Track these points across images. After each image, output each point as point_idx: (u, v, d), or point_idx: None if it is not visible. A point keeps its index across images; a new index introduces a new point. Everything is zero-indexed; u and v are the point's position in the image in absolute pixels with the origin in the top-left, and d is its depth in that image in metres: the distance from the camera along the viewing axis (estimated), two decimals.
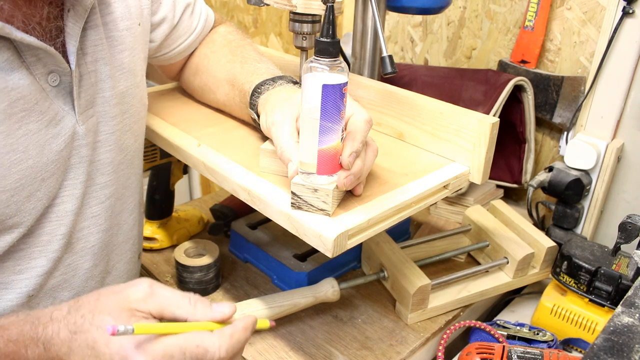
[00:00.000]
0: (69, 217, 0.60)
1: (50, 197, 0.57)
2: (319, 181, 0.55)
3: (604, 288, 0.73)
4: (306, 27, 0.76)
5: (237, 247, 0.88)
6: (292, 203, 0.56)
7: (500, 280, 0.79)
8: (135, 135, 0.69)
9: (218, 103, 0.81)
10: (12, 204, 0.53)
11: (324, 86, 0.51)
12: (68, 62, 0.55)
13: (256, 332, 0.71)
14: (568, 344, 0.74)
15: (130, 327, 0.42)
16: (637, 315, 0.46)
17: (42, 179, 0.55)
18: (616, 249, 0.75)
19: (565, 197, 0.89)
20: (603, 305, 0.73)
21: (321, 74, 0.52)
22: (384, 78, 0.83)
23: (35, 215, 0.56)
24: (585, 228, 0.92)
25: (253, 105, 0.69)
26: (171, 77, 0.90)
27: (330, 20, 0.52)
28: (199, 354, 0.45)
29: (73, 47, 0.56)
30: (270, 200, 0.58)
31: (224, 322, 0.49)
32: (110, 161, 0.64)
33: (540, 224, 0.99)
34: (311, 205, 0.55)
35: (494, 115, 0.92)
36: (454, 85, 0.99)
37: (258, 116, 0.68)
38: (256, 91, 0.69)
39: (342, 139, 0.56)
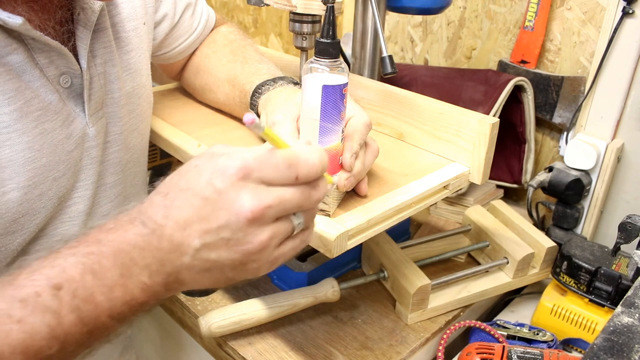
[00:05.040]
0: (81, 217, 0.60)
1: (61, 197, 0.57)
2: None
3: (604, 288, 0.73)
4: (306, 28, 0.76)
5: None
6: None
7: (500, 281, 0.79)
8: (142, 134, 0.69)
9: (218, 103, 0.81)
10: (25, 202, 0.53)
11: (324, 87, 0.51)
12: (79, 64, 0.56)
13: (256, 331, 0.71)
14: (568, 344, 0.74)
15: (263, 125, 0.39)
16: (637, 315, 0.46)
17: (54, 178, 0.55)
18: (616, 249, 0.75)
19: (565, 197, 0.89)
20: (603, 305, 0.73)
21: (321, 74, 0.52)
22: (384, 78, 0.83)
23: (45, 214, 0.56)
24: (585, 228, 0.92)
25: (253, 106, 0.69)
26: (172, 76, 0.90)
27: (330, 21, 0.52)
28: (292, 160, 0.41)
29: (84, 50, 0.56)
30: None
31: None
32: (119, 161, 0.64)
33: (540, 224, 0.99)
34: None
35: (493, 116, 0.92)
36: (454, 85, 0.99)
37: (258, 116, 0.68)
38: (257, 91, 0.69)
39: (342, 139, 0.56)
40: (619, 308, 0.47)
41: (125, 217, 0.42)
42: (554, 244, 0.80)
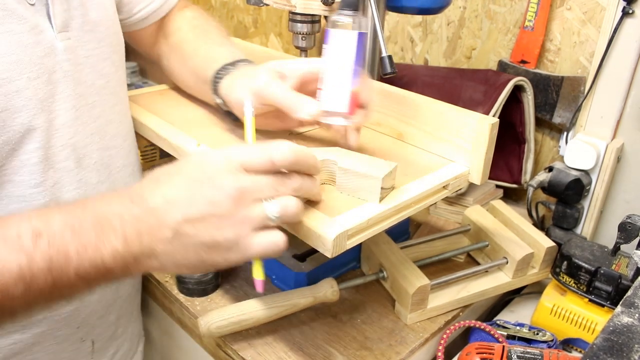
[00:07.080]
0: (69, 128, 0.62)
1: (42, 100, 0.58)
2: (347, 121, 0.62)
3: (604, 288, 0.72)
4: (305, 27, 0.76)
5: None
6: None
7: (499, 280, 0.79)
8: (116, 66, 0.71)
9: (190, 90, 0.85)
10: (2, 95, 0.54)
11: (359, 34, 0.58)
12: None
13: (256, 331, 0.71)
14: (568, 344, 0.74)
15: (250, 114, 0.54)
16: (637, 315, 0.46)
17: (29, 77, 0.56)
18: (616, 249, 0.75)
19: (565, 197, 0.89)
20: (603, 305, 0.73)
21: (353, 24, 0.59)
22: (384, 78, 0.83)
23: (28, 116, 0.57)
24: (585, 228, 0.92)
25: (216, 90, 0.71)
26: (147, 52, 0.90)
27: None
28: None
29: None
30: None
31: None
32: (92, 83, 0.66)
33: (540, 224, 0.99)
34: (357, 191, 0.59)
35: (493, 116, 0.92)
36: (453, 85, 0.99)
37: (223, 101, 0.70)
38: (217, 76, 0.71)
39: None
40: (618, 308, 0.47)
41: (115, 192, 0.47)
42: (553, 244, 0.80)
